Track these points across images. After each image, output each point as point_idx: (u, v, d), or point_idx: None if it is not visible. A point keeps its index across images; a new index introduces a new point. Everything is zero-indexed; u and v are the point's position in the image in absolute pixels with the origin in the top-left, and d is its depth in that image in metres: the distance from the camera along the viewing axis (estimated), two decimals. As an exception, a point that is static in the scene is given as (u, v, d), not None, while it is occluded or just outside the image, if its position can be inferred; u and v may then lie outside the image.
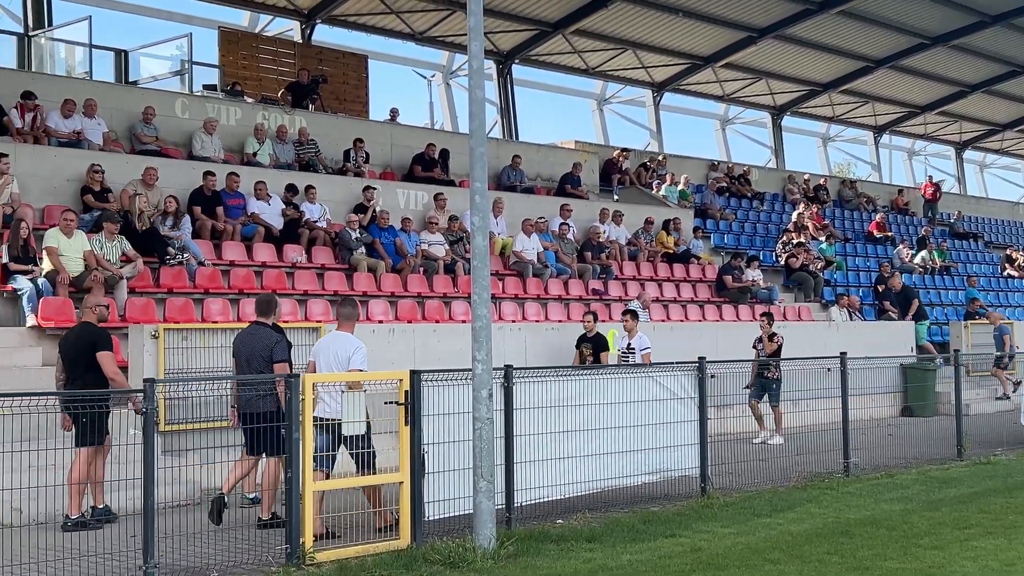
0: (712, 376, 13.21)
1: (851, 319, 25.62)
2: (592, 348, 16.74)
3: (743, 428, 16.47)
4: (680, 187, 29.06)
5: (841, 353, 15.00)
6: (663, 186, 29.10)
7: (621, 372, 12.53)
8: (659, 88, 36.38)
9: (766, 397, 17.36)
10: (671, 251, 25.47)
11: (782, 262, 27.69)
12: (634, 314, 17.11)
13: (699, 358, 13.08)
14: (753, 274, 25.23)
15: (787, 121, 41.14)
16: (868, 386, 16.44)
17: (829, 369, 15.17)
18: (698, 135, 59.79)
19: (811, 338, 21.35)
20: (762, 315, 18.83)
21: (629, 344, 16.53)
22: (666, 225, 26.01)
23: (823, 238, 30.05)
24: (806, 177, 35.07)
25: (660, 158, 31.10)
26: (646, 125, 37.20)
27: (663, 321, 21.34)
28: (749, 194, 32.33)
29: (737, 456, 13.81)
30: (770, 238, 29.61)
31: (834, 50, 35.59)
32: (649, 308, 20.67)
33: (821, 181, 35.40)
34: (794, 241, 28.50)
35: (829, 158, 45.40)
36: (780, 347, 18.06)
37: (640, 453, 12.18)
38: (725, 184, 31.88)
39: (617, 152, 29.87)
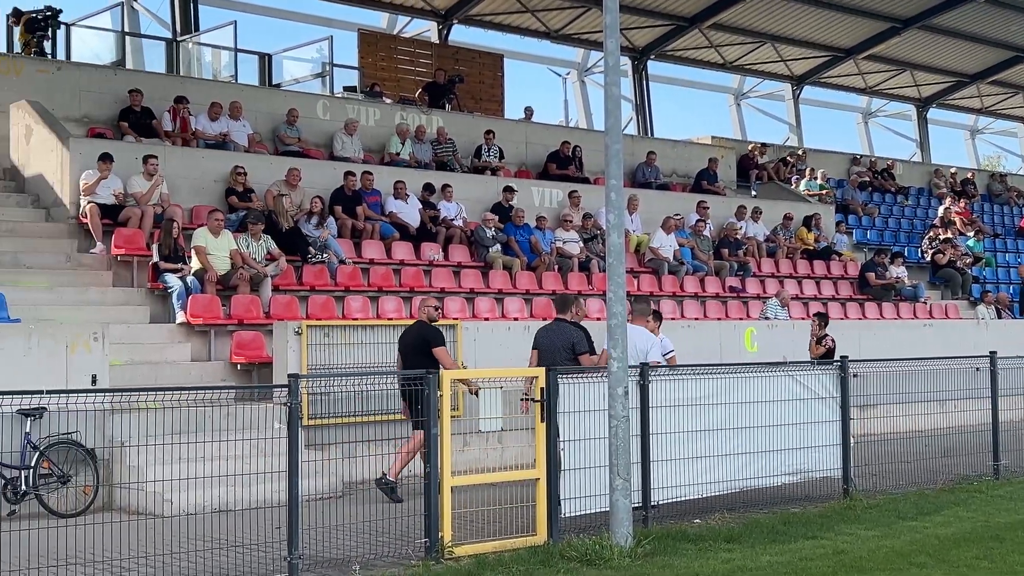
0: (855, 375, 12.92)
1: (1000, 317, 24.75)
2: None
3: (887, 429, 16.05)
4: (819, 181, 28.47)
5: (991, 352, 14.53)
6: (802, 181, 28.57)
7: (760, 371, 12.31)
8: (798, 81, 35.73)
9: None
10: (811, 247, 24.98)
11: (928, 259, 26.94)
12: (656, 315, 14.93)
13: (841, 357, 12.81)
14: (897, 271, 24.61)
15: (933, 113, 39.97)
16: (1020, 386, 15.85)
17: (978, 369, 14.70)
18: (839, 129, 58.70)
19: (959, 337, 20.72)
20: (814, 315, 17.60)
21: None
22: (806, 221, 25.51)
23: (971, 234, 29.15)
24: (953, 171, 33.97)
25: (800, 153, 30.56)
26: (785, 119, 36.60)
27: (803, 319, 20.93)
28: (893, 189, 31.50)
29: (881, 457, 13.47)
30: (915, 234, 28.81)
31: (982, 40, 34.44)
32: (788, 306, 20.32)
33: (969, 175, 34.22)
34: (940, 237, 27.69)
35: (977, 151, 43.95)
36: (830, 351, 16.60)
37: (780, 453, 11.97)
38: (868, 179, 31.13)
39: (752, 146, 29.44)
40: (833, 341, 16.91)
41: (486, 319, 16.97)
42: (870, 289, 23.94)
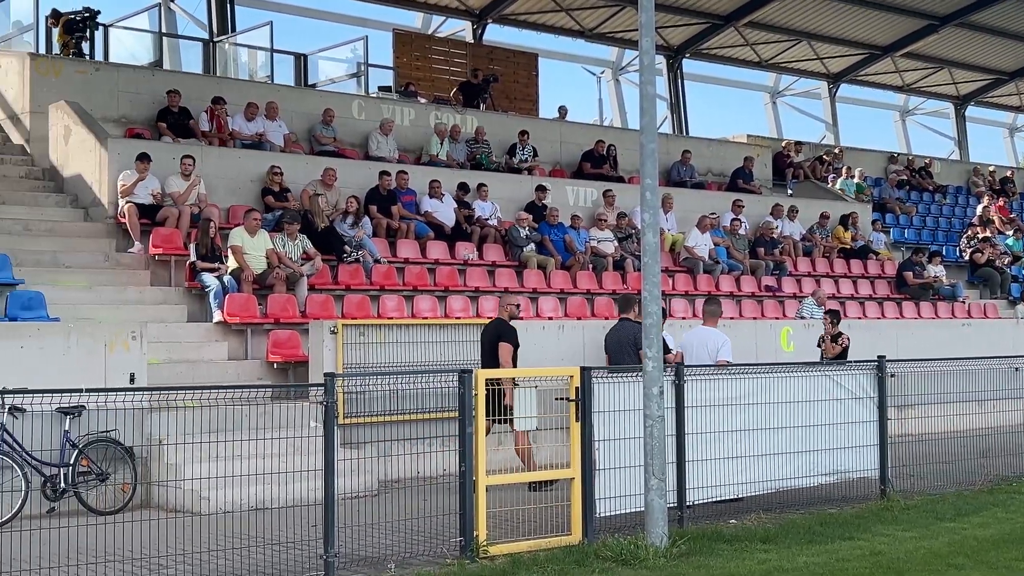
0: (892, 375, 12.83)
1: (1039, 316, 24.50)
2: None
3: (925, 429, 15.91)
4: (856, 180, 28.28)
5: (1030, 352, 14.39)
6: (839, 180, 28.39)
7: (796, 370, 12.25)
8: (835, 79, 35.52)
9: None
10: (848, 246, 24.82)
11: (966, 257, 26.71)
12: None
13: (878, 357, 12.73)
14: (935, 270, 24.41)
15: (971, 111, 39.62)
16: (1059, 386, 15.66)
17: (1017, 368, 14.55)
18: (876, 127, 57.96)
19: (998, 336, 20.54)
20: (826, 312, 16.95)
21: None
22: (843, 220, 25.34)
23: (1010, 232, 28.85)
24: (992, 169, 33.64)
25: (836, 151, 30.36)
26: (821, 117, 36.39)
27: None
28: (931, 187, 31.25)
29: (918, 458, 13.37)
30: (953, 233, 28.58)
31: (1020, 37, 34.10)
32: (825, 305, 20.16)
33: (1008, 173, 33.89)
34: (979, 236, 27.44)
35: (1016, 149, 43.49)
36: (845, 350, 15.92)
37: (816, 453, 11.90)
38: (905, 177, 30.89)
39: (785, 143, 29.29)
40: (848, 339, 16.55)
41: (520, 318, 16.93)
42: (908, 288, 23.76)
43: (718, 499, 11.18)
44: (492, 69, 25.58)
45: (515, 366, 12.73)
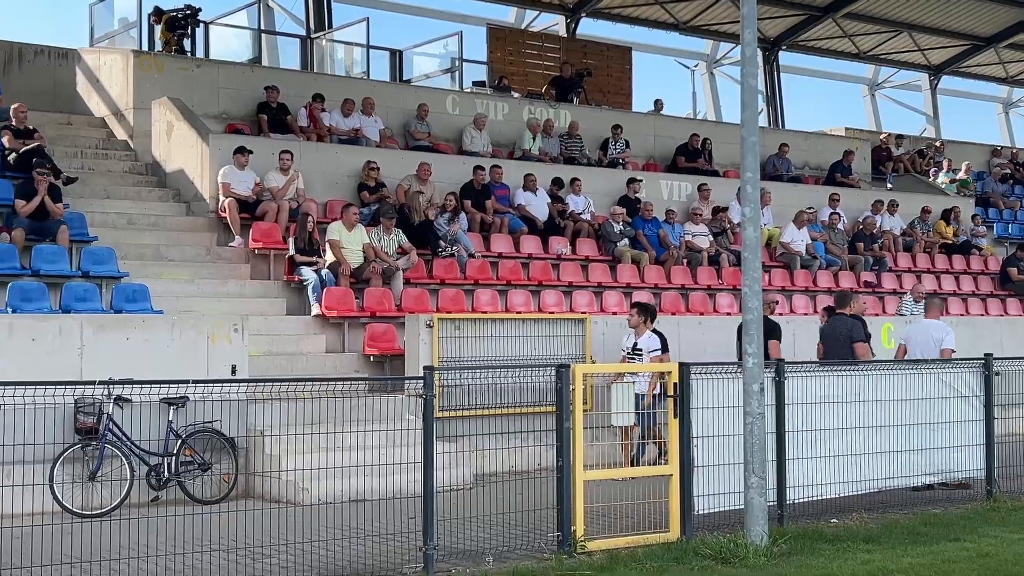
0: (997, 374, 12.50)
1: None
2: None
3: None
4: (960, 175, 27.63)
5: None
6: (940, 173, 27.76)
7: (900, 368, 11.99)
8: (936, 71, 34.75)
9: None
10: (950, 242, 24.26)
11: (1073, 253, 25.89)
12: (643, 308, 13.82)
13: (985, 355, 12.41)
14: (1041, 266, 23.74)
15: (1078, 102, 38.50)
16: None
17: None
18: (979, 120, 56.43)
19: (1107, 335, 19.86)
20: (824, 309, 16.25)
21: (635, 344, 13.51)
22: (945, 215, 24.80)
23: (1119, 227, 27.94)
24: (1100, 162, 32.63)
25: (937, 144, 29.70)
26: (922, 110, 35.64)
27: (941, 315, 20.33)
28: (1036, 181, 30.41)
29: (1025, 459, 13.01)
30: (1060, 228, 27.74)
31: None
32: (922, 302, 19.71)
33: (1117, 166, 32.84)
34: (1087, 231, 26.63)
35: None
36: None
37: (919, 453, 11.64)
38: (1009, 171, 30.08)
39: (884, 136, 28.72)
40: None
41: (614, 313, 16.89)
42: (1012, 284, 23.17)
43: (819, 498, 11.00)
44: (585, 63, 25.48)
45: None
